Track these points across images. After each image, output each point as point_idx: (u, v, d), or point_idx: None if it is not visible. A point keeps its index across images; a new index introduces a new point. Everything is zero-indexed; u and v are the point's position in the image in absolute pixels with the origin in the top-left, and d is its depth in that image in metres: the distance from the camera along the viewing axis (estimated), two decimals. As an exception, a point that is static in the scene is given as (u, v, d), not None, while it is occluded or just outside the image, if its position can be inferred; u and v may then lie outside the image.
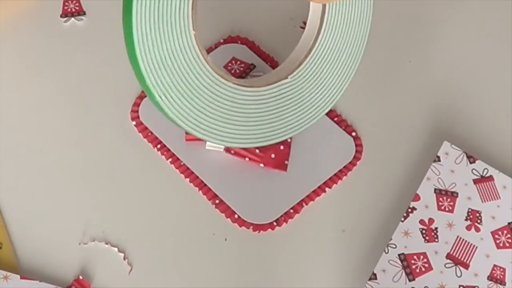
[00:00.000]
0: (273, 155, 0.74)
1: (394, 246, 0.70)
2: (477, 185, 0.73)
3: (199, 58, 0.66)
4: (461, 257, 0.69)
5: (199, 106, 0.67)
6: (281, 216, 0.72)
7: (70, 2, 0.83)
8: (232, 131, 0.70)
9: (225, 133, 0.69)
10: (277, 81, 0.71)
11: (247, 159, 0.74)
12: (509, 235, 0.71)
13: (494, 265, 0.69)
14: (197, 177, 0.73)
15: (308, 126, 0.74)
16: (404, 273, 0.69)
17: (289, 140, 0.75)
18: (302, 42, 0.73)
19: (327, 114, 0.77)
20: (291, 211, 0.72)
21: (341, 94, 0.74)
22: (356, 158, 0.75)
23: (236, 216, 0.72)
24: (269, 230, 0.72)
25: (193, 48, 0.65)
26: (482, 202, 0.72)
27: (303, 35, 0.73)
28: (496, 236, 0.71)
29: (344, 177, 0.74)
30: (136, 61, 0.63)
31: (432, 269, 0.69)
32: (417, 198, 0.72)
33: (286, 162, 0.74)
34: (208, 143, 0.74)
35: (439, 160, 0.74)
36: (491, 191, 0.73)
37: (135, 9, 0.62)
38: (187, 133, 0.75)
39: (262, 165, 0.74)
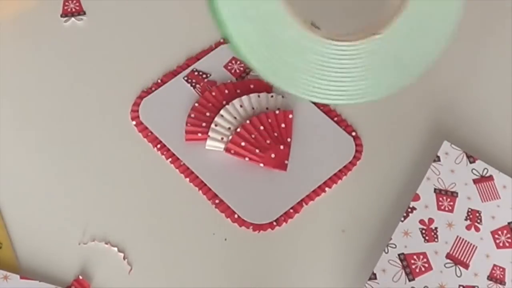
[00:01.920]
0: (273, 155, 0.74)
1: (394, 246, 0.70)
2: (477, 185, 0.73)
3: (282, 9, 0.62)
4: (461, 257, 0.69)
5: (285, 59, 0.63)
6: (281, 216, 0.72)
7: (70, 2, 0.83)
8: (323, 86, 0.65)
9: (315, 88, 0.65)
10: (370, 36, 0.66)
11: (247, 159, 0.74)
12: (509, 235, 0.71)
13: (494, 265, 0.69)
14: (197, 177, 0.73)
15: (403, 86, 0.67)
16: (404, 273, 0.69)
17: (289, 140, 0.75)
18: None
19: (327, 114, 0.77)
20: (291, 211, 0.72)
21: (439, 53, 0.68)
22: (356, 158, 0.75)
23: (236, 216, 0.72)
24: (269, 230, 0.72)
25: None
26: (482, 202, 0.72)
27: None
28: (496, 236, 0.71)
29: (344, 177, 0.74)
30: (217, 8, 0.60)
31: (432, 269, 0.69)
32: (417, 198, 0.72)
33: (286, 162, 0.74)
34: (208, 142, 0.74)
35: (439, 160, 0.74)
36: (491, 191, 0.73)
37: None
38: (187, 132, 0.75)
39: (262, 165, 0.74)
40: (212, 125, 0.75)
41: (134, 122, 0.76)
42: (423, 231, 0.70)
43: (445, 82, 0.81)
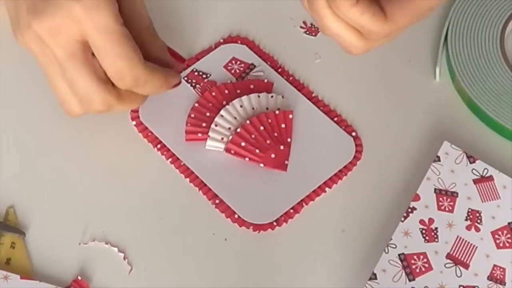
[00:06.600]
0: (273, 155, 0.74)
1: (394, 246, 0.70)
2: (477, 185, 0.73)
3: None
4: (461, 257, 0.69)
5: None
6: (281, 216, 0.72)
7: (70, 2, 0.83)
8: None
9: None
10: None
11: (247, 159, 0.74)
12: (509, 235, 0.71)
13: (494, 265, 0.69)
14: (197, 177, 0.73)
15: None
16: (404, 273, 0.69)
17: (289, 140, 0.75)
18: None
19: (327, 114, 0.77)
20: (291, 211, 0.72)
21: None
22: (356, 158, 0.75)
23: (236, 216, 0.72)
24: (269, 230, 0.72)
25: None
26: (482, 202, 0.72)
27: None
28: (496, 236, 0.71)
29: (344, 177, 0.74)
30: None
31: (432, 269, 0.69)
32: (417, 198, 0.72)
33: (286, 162, 0.74)
34: (208, 143, 0.74)
35: (439, 160, 0.74)
36: (491, 191, 0.73)
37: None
38: (187, 132, 0.75)
39: (262, 165, 0.74)
40: (212, 125, 0.75)
41: (134, 122, 0.76)
42: (423, 231, 0.70)
43: (445, 81, 0.81)
